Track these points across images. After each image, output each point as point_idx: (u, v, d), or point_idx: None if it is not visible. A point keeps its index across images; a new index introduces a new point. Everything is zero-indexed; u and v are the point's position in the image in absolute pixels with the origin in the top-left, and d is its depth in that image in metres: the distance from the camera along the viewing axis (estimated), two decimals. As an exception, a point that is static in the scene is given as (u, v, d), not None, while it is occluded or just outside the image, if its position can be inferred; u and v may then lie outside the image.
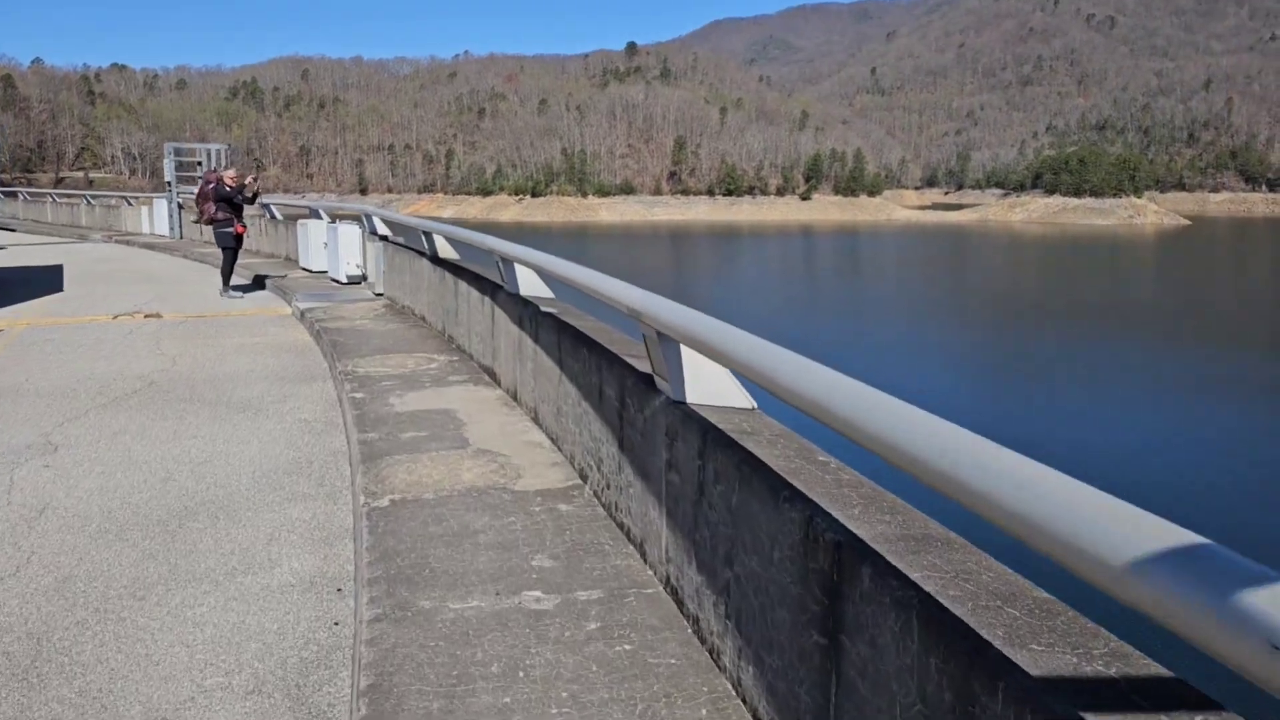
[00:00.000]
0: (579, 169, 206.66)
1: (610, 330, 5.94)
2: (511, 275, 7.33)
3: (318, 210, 17.50)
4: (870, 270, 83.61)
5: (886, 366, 32.63)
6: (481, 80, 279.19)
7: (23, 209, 37.50)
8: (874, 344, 38.38)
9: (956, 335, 43.60)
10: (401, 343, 9.94)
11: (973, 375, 33.71)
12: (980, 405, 27.88)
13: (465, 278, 9.10)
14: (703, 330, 3.40)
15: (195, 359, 9.97)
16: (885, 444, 2.14)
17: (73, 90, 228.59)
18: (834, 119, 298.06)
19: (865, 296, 59.93)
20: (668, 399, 3.89)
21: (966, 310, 53.28)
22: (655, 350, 3.93)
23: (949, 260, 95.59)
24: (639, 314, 3.93)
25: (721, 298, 54.61)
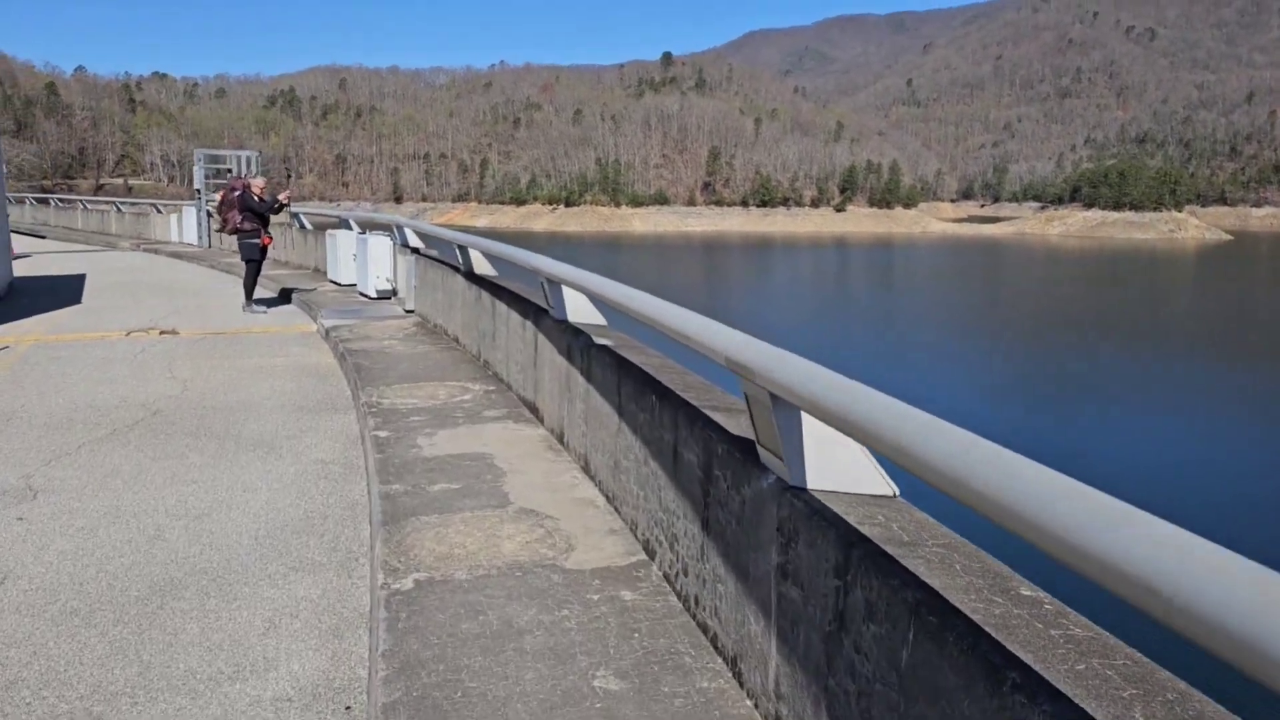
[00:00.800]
0: (613, 179, 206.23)
1: (681, 370, 4.99)
2: (558, 299, 6.40)
3: (348, 220, 16.70)
4: (906, 283, 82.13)
5: (922, 382, 31.46)
6: (517, 90, 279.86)
7: (54, 216, 37.17)
8: (911, 359, 37.18)
9: (993, 350, 42.26)
10: (432, 368, 9.03)
11: (1010, 391, 32.42)
12: (1020, 421, 26.68)
13: (504, 298, 8.18)
14: (837, 396, 2.44)
15: (208, 383, 9.12)
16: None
17: (114, 98, 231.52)
18: (869, 130, 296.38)
19: (901, 310, 58.59)
20: (780, 482, 2.93)
21: (1004, 324, 51.86)
22: (764, 416, 2.97)
23: (985, 273, 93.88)
24: (745, 369, 2.97)
25: (755, 310, 53.56)
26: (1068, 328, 50.04)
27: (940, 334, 46.36)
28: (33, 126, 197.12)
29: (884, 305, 62.28)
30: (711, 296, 64.67)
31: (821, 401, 2.50)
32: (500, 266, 9.21)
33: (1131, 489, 7.59)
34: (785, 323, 48.08)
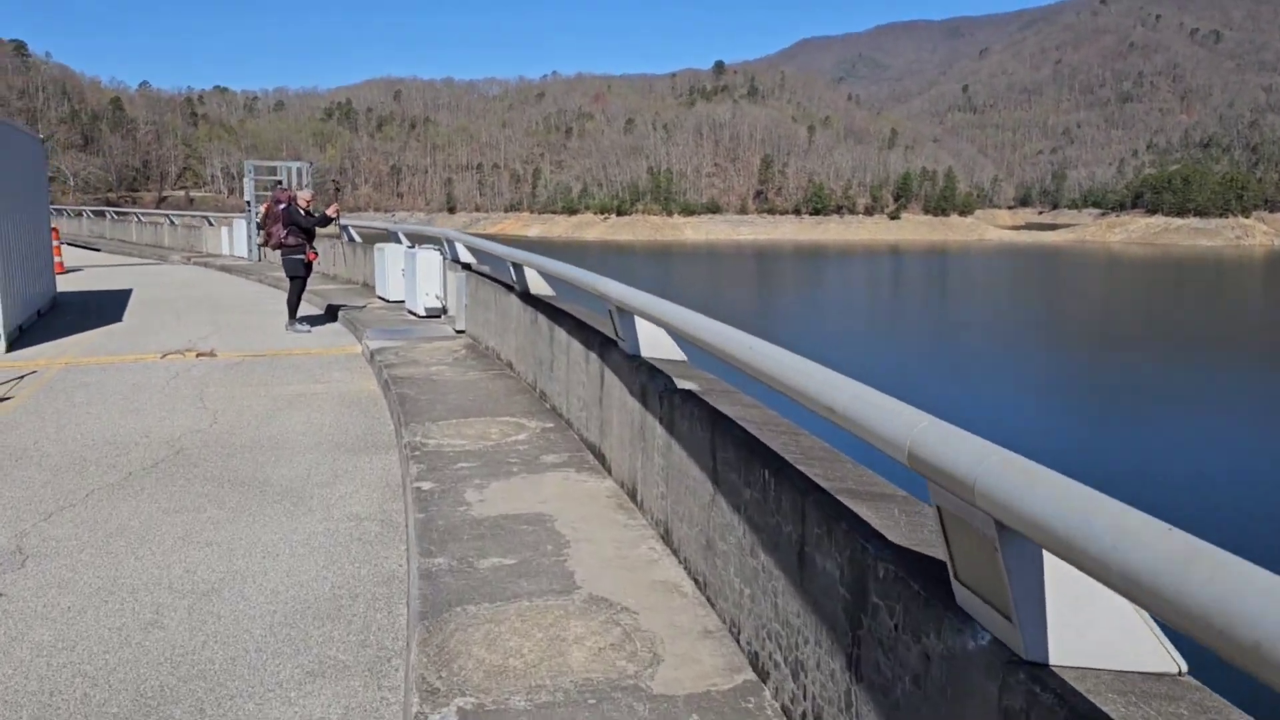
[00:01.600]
0: (665, 188, 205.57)
1: (791, 427, 4.01)
2: (630, 330, 5.46)
3: (397, 233, 15.96)
4: (964, 292, 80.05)
5: (986, 397, 30.07)
6: (569, 100, 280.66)
7: (110, 228, 37.15)
8: (973, 372, 35.70)
9: (1058, 362, 40.59)
10: (483, 400, 8.14)
11: (1079, 406, 30.86)
12: (1090, 438, 25.26)
13: (564, 324, 7.26)
14: (1113, 539, 1.46)
15: (240, 414, 8.32)
16: None
17: (176, 112, 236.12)
18: (924, 137, 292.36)
19: (962, 320, 56.84)
20: (1000, 648, 1.95)
21: (1064, 335, 50.01)
22: (975, 545, 1.98)
23: (1045, 282, 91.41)
24: (949, 477, 1.98)
25: (806, 316, 52.28)
26: (1135, 338, 48.09)
27: (1003, 345, 44.73)
28: (99, 141, 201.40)
29: (943, 315, 60.58)
30: (767, 306, 63.49)
31: (1092, 549, 1.52)
32: (560, 287, 8.31)
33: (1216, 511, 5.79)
34: (843, 333, 46.77)
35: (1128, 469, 22.32)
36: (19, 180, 13.39)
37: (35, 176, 15.17)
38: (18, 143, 13.48)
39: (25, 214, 13.78)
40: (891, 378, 31.52)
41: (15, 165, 13.02)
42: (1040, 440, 24.30)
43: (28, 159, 14.48)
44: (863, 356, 38.23)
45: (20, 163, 13.59)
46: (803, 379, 2.89)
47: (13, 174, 12.79)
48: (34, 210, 14.88)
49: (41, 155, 15.94)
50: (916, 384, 31.55)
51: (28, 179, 14.30)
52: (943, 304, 69.12)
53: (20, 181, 13.49)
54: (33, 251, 14.34)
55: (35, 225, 14.89)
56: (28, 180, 14.29)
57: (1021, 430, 25.47)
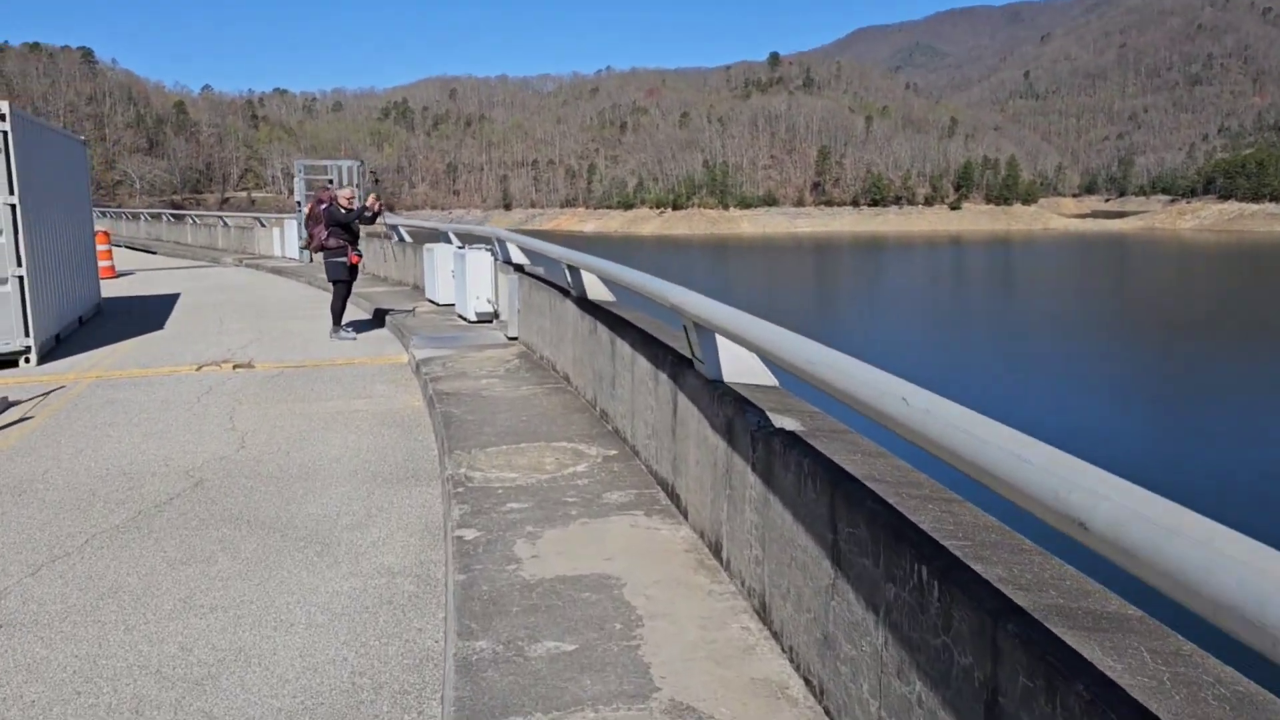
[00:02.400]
0: (720, 181, 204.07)
1: (940, 490, 3.05)
2: (710, 350, 4.54)
3: (447, 233, 15.20)
4: (1030, 282, 77.57)
5: (1046, 391, 28.57)
6: (623, 94, 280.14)
7: (166, 230, 37.09)
8: (1044, 366, 34.11)
9: (1124, 355, 38.76)
10: (537, 420, 7.26)
11: (1141, 401, 29.21)
12: (1147, 434, 23.78)
13: (627, 336, 6.36)
14: None
15: (271, 437, 7.54)
16: None
17: (238, 114, 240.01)
18: (985, 125, 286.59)
19: (1030, 311, 54.83)
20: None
21: (1134, 326, 47.93)
22: None
23: (1112, 271, 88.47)
24: None
25: (872, 311, 50.82)
26: (1213, 329, 45.90)
27: (1075, 338, 42.92)
28: (164, 144, 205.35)
29: (1012, 307, 58.60)
30: (830, 301, 62.09)
31: None
32: (622, 293, 7.40)
33: None
34: (912, 329, 45.32)
35: (1211, 464, 20.93)
36: (57, 184, 12.84)
37: (76, 179, 14.65)
38: (54, 145, 12.93)
39: (64, 219, 13.24)
40: (970, 377, 30.17)
41: (51, 169, 12.46)
42: (1119, 439, 22.91)
43: (67, 162, 13.95)
44: (932, 353, 36.83)
45: (58, 166, 13.04)
46: (977, 445, 1.95)
47: (49, 177, 12.22)
48: (76, 214, 14.37)
49: (83, 157, 15.43)
50: (993, 382, 30.16)
51: (67, 182, 13.77)
52: (1013, 296, 66.98)
53: (58, 185, 12.94)
54: (74, 257, 13.82)
55: (77, 230, 14.37)
56: (67, 184, 13.76)
57: (1098, 427, 24.07)
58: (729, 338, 4.16)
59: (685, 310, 4.53)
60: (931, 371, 30.18)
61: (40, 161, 11.71)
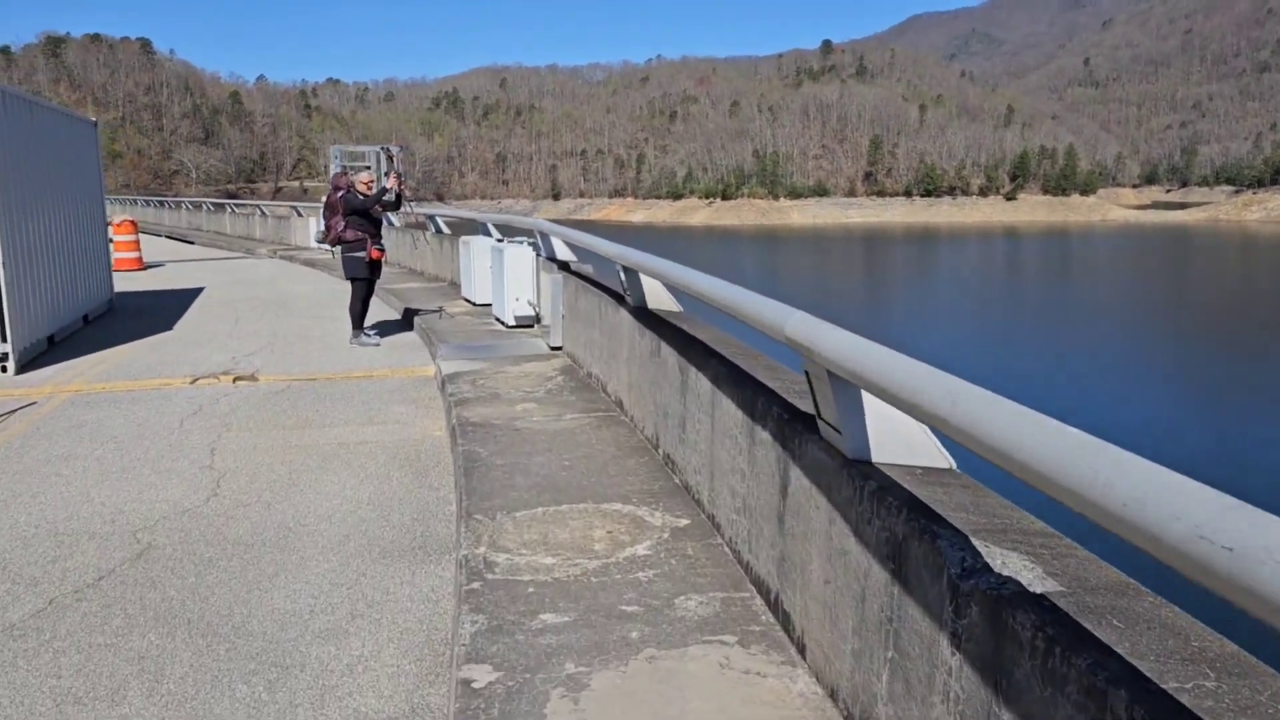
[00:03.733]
0: (771, 171, 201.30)
1: None
2: (853, 412, 2.92)
3: (487, 225, 13.69)
4: (1087, 275, 74.41)
5: (1108, 390, 26.46)
6: (674, 83, 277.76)
7: (206, 220, 36.12)
8: (1111, 366, 31.87)
9: (1187, 354, 36.27)
10: (584, 465, 5.68)
11: (1206, 404, 26.93)
12: (1211, 438, 21.71)
13: (705, 366, 4.75)
14: None
15: (254, 480, 6.05)
16: None
17: (291, 104, 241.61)
18: (1042, 114, 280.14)
19: (1094, 306, 52.18)
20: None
21: (1199, 323, 45.18)
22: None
23: (1177, 264, 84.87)
24: None
25: (933, 307, 48.60)
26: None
27: (1142, 335, 40.48)
28: (219, 134, 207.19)
29: (1072, 301, 55.95)
30: (877, 291, 59.94)
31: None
32: (692, 304, 5.79)
33: None
34: (978, 324, 43.16)
35: None
36: (53, 168, 11.51)
37: (82, 164, 13.34)
38: (49, 125, 11.59)
39: (64, 207, 11.93)
40: (1040, 372, 28.16)
41: (44, 151, 11.12)
42: (1192, 440, 20.88)
43: (69, 144, 12.63)
44: (1007, 349, 34.76)
45: (55, 148, 11.72)
46: None
47: (40, 160, 10.89)
48: (81, 202, 13.07)
49: (92, 139, 14.13)
50: (1069, 382, 28.13)
51: (69, 167, 12.45)
52: (1081, 288, 64.18)
53: (55, 170, 11.61)
54: (77, 250, 12.51)
55: (83, 220, 13.08)
56: (69, 168, 12.44)
57: (1165, 425, 22.01)
58: (887, 399, 2.54)
59: (818, 350, 2.90)
60: (1005, 372, 28.21)
61: (25, 142, 10.36)
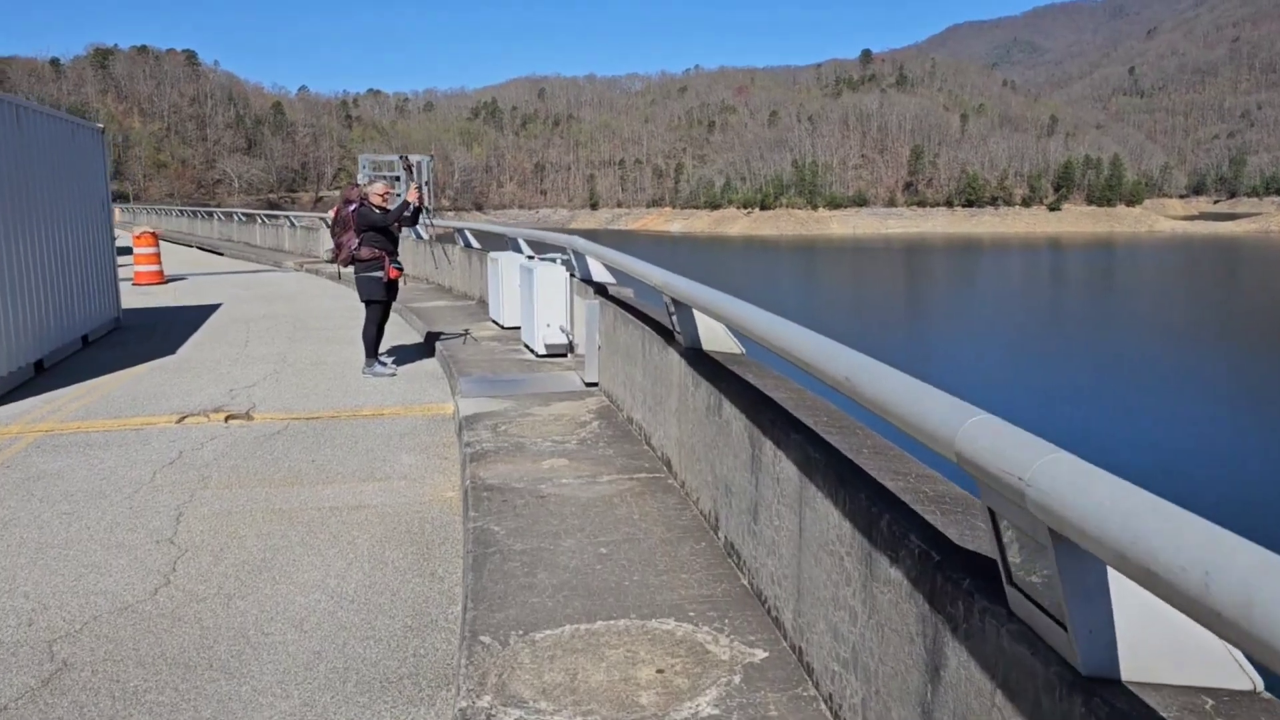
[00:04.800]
0: (810, 181, 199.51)
1: None
2: (1092, 592, 1.70)
3: (517, 241, 12.58)
4: (1132, 289, 72.00)
5: (1165, 409, 24.76)
6: (712, 93, 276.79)
7: (237, 231, 35.45)
8: (1169, 386, 30.12)
9: (1244, 372, 34.34)
10: (624, 554, 4.49)
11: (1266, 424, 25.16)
12: None
13: (788, 442, 3.53)
14: None
15: (218, 562, 4.92)
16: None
17: (333, 115, 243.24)
18: (1086, 123, 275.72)
19: (1144, 319, 50.13)
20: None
21: (1255, 340, 43.06)
22: None
23: (1226, 277, 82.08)
24: None
25: (973, 316, 46.87)
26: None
27: (1197, 351, 38.58)
28: (261, 144, 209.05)
29: (1126, 314, 53.91)
30: (921, 305, 58.22)
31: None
32: (762, 350, 4.58)
33: None
34: (1022, 337, 41.46)
35: None
36: (42, 178, 10.54)
37: (84, 174, 12.39)
38: (38, 131, 10.62)
39: (55, 221, 10.96)
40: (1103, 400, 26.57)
41: (29, 159, 10.15)
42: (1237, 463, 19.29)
43: (67, 153, 11.68)
44: (1059, 365, 33.13)
45: (46, 157, 10.75)
46: None
47: (24, 170, 9.91)
48: (80, 216, 12.11)
49: (98, 148, 13.18)
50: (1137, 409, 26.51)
51: (65, 177, 11.49)
52: (1143, 302, 62.04)
53: (45, 180, 10.64)
54: (72, 267, 11.54)
55: (85, 234, 12.12)
56: (65, 179, 11.48)
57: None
58: (1174, 601, 1.33)
59: (1041, 505, 1.69)
60: (1055, 392, 26.69)
61: (9, 149, 9.37)
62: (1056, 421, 23.35)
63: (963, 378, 28.59)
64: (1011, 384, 29.42)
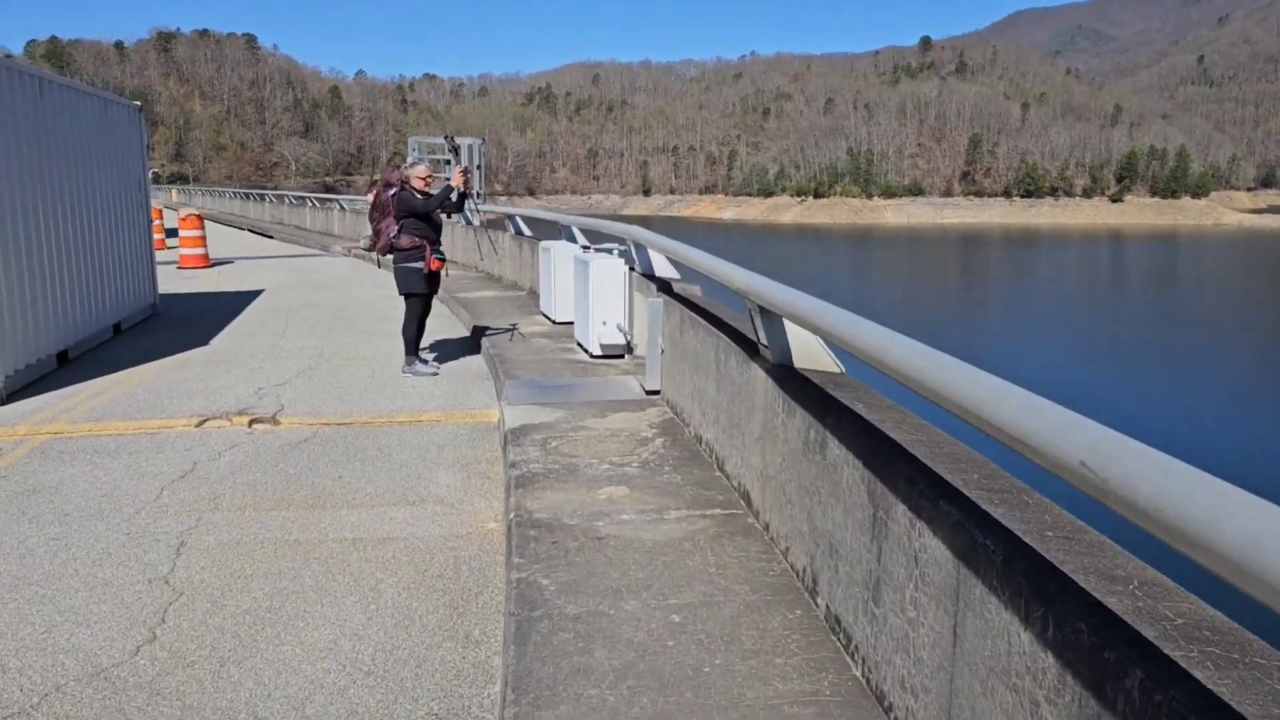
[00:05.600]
0: (865, 169, 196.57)
1: None
2: None
3: (571, 230, 11.74)
4: (1213, 284, 69.35)
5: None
6: (767, 80, 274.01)
7: (288, 214, 35.11)
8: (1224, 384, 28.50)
9: None
10: (701, 625, 3.62)
11: None
12: None
13: (934, 512, 2.64)
14: None
15: (217, 607, 4.15)
16: None
17: (389, 99, 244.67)
18: (1152, 113, 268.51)
19: (1221, 317, 47.98)
20: None
21: None
22: None
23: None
24: None
25: (1038, 311, 45.20)
26: None
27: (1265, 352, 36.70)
28: (318, 127, 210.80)
29: (1200, 310, 51.78)
30: (981, 297, 56.52)
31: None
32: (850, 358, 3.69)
33: None
34: (1093, 335, 39.83)
35: None
36: (70, 158, 9.91)
37: (122, 153, 11.77)
38: (73, 108, 9.98)
39: (92, 203, 10.34)
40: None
41: (58, 138, 9.51)
42: None
43: (106, 131, 11.07)
44: (1134, 364, 31.64)
45: (79, 135, 10.12)
46: None
47: (52, 149, 9.27)
48: (119, 197, 11.51)
49: (134, 127, 12.56)
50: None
51: (102, 156, 10.88)
52: (1219, 298, 59.72)
53: (77, 160, 10.01)
54: (107, 251, 10.93)
55: (119, 216, 11.51)
56: (102, 158, 10.86)
57: None
58: None
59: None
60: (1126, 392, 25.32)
61: (27, 125, 8.72)
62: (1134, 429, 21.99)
63: (1028, 374, 27.25)
64: (1084, 383, 28.07)
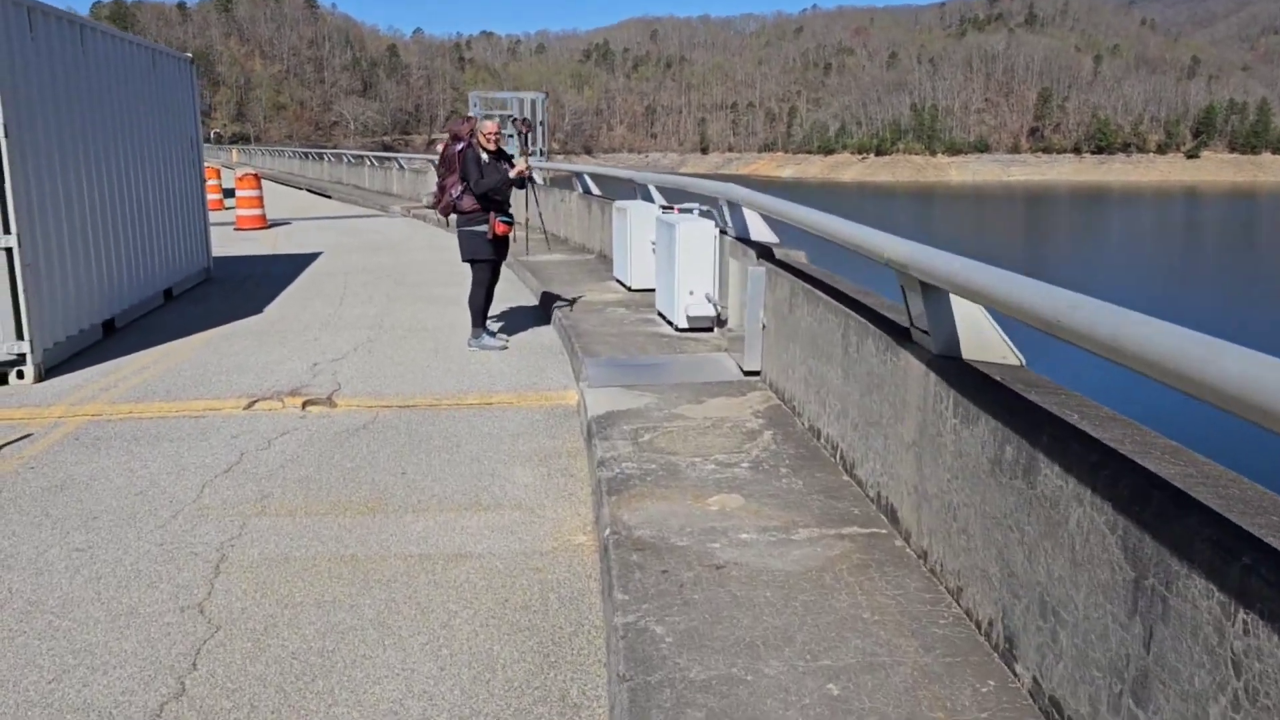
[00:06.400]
0: (929, 125, 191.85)
1: None
2: None
3: (648, 189, 10.86)
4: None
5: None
6: (829, 34, 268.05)
7: (346, 173, 34.63)
8: None
9: None
10: (871, 699, 2.80)
11: None
12: None
13: (1253, 599, 1.80)
14: None
15: (259, 649, 3.43)
16: None
17: (446, 57, 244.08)
18: (1232, 65, 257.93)
19: None
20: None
21: None
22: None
23: None
24: None
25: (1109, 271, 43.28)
26: None
27: None
28: (376, 86, 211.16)
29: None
30: (1051, 258, 54.48)
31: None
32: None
33: None
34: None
35: None
36: (122, 113, 9.26)
37: (174, 109, 11.13)
38: (121, 60, 9.31)
39: (141, 161, 9.71)
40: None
41: (103, 91, 8.85)
42: None
43: (156, 85, 10.42)
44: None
45: (126, 89, 9.46)
46: None
47: (95, 102, 8.61)
48: (171, 155, 10.88)
49: (187, 81, 11.90)
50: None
51: (153, 112, 10.23)
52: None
53: (124, 115, 9.35)
54: (157, 213, 10.32)
55: (171, 175, 10.89)
56: (152, 114, 10.22)
57: None
58: None
59: None
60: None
61: (68, 75, 8.05)
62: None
63: None
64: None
